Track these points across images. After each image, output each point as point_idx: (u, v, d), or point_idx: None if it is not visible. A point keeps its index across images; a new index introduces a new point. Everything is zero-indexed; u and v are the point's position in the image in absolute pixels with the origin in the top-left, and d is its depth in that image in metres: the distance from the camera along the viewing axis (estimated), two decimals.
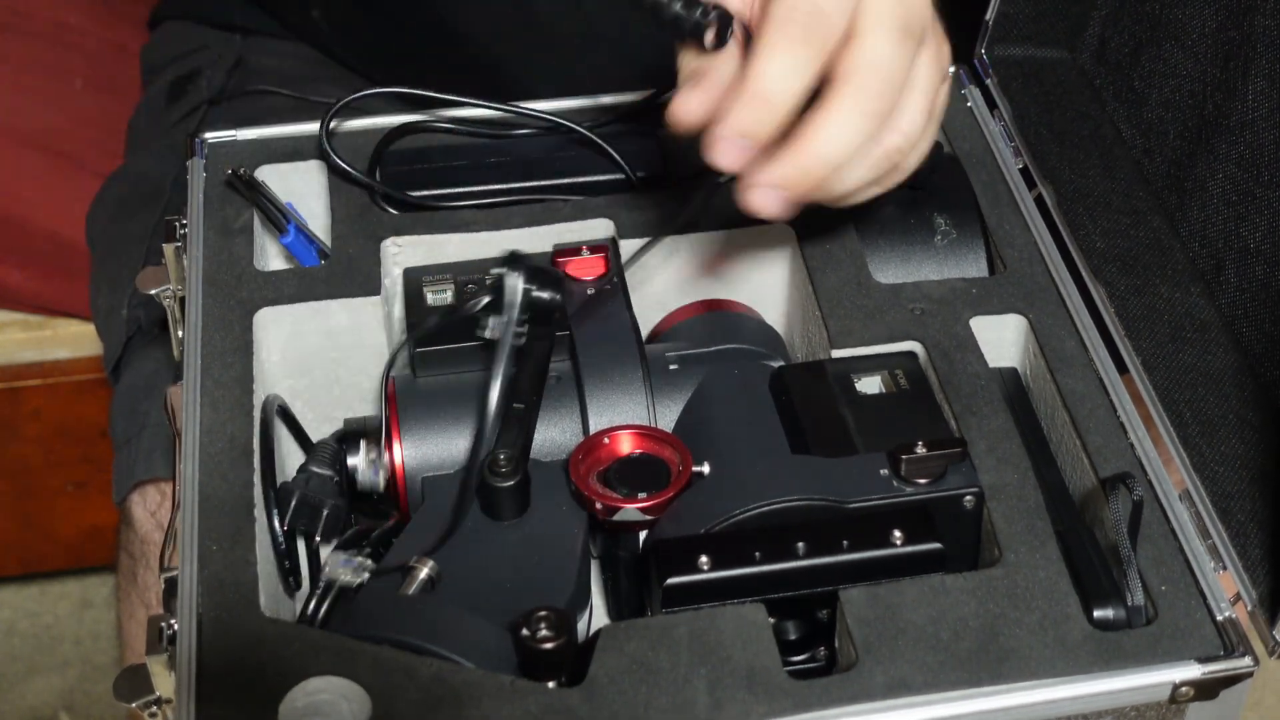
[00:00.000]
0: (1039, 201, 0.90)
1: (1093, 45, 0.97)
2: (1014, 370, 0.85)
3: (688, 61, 0.70)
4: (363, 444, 0.80)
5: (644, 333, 0.87)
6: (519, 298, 0.76)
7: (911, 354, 0.81)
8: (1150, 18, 0.91)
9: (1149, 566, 0.72)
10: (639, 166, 0.91)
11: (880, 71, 0.67)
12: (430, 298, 0.83)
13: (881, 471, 0.73)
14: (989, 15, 0.96)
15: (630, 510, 0.74)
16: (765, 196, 0.69)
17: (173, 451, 0.78)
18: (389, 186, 0.89)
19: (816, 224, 0.88)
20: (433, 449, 0.79)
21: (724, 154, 0.68)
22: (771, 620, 0.69)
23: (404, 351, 0.83)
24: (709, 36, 0.69)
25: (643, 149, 0.93)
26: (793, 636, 0.74)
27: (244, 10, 1.18)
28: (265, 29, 1.20)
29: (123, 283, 1.14)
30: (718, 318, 0.88)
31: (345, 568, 0.72)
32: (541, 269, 0.78)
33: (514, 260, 0.77)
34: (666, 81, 0.78)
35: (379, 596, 0.72)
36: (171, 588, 0.71)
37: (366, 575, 0.72)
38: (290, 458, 0.83)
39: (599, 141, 0.92)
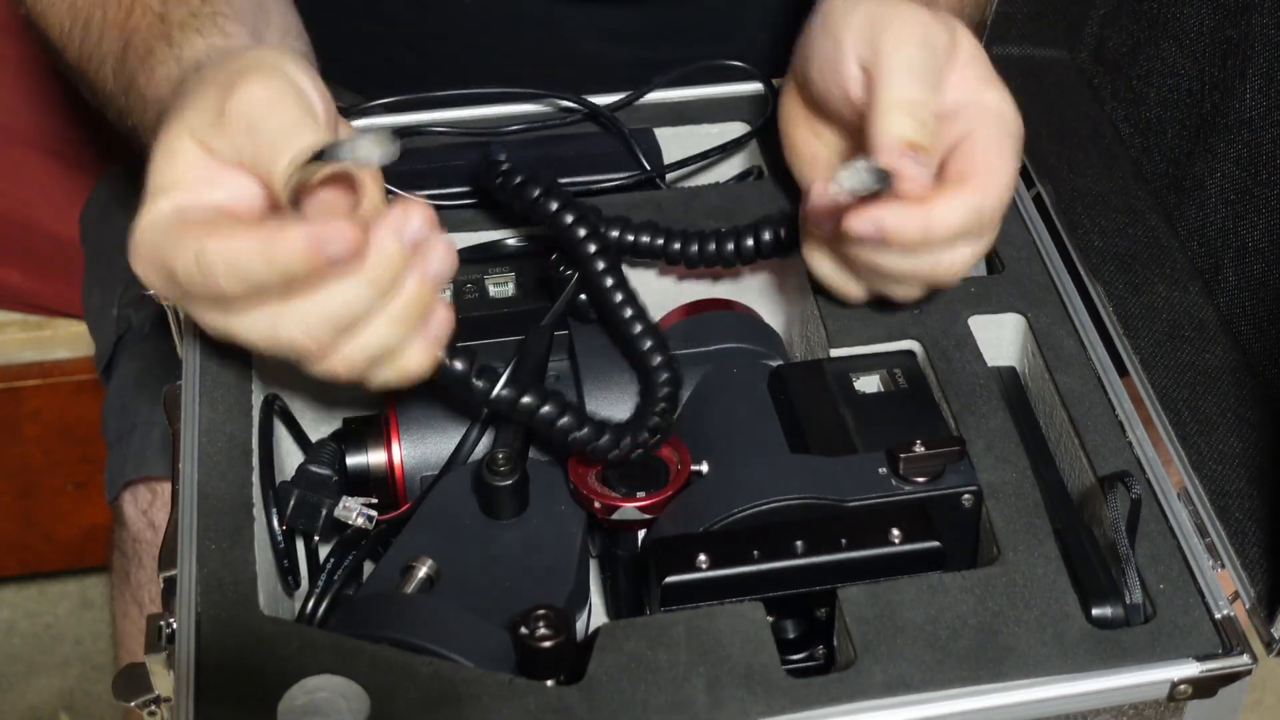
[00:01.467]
0: (1037, 201, 0.91)
1: (1091, 45, 0.97)
2: (1012, 369, 0.85)
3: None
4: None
5: None
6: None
7: (910, 353, 0.81)
8: (1148, 17, 0.91)
9: (1147, 565, 0.72)
10: (632, 166, 0.92)
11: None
12: None
13: (880, 470, 0.73)
14: (988, 15, 0.96)
15: (629, 509, 0.74)
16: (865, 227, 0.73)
17: (167, 450, 0.78)
18: (388, 186, 0.89)
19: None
20: (431, 448, 0.79)
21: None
22: (770, 619, 0.69)
23: None
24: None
25: (635, 150, 0.93)
26: (791, 635, 0.74)
27: None
28: None
29: (113, 282, 1.14)
30: (717, 317, 0.88)
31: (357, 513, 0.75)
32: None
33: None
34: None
35: (378, 595, 0.72)
36: (170, 587, 0.71)
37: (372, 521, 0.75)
38: (289, 458, 0.82)
39: (620, 127, 0.93)
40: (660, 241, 0.83)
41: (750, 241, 0.83)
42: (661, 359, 0.78)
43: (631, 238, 0.83)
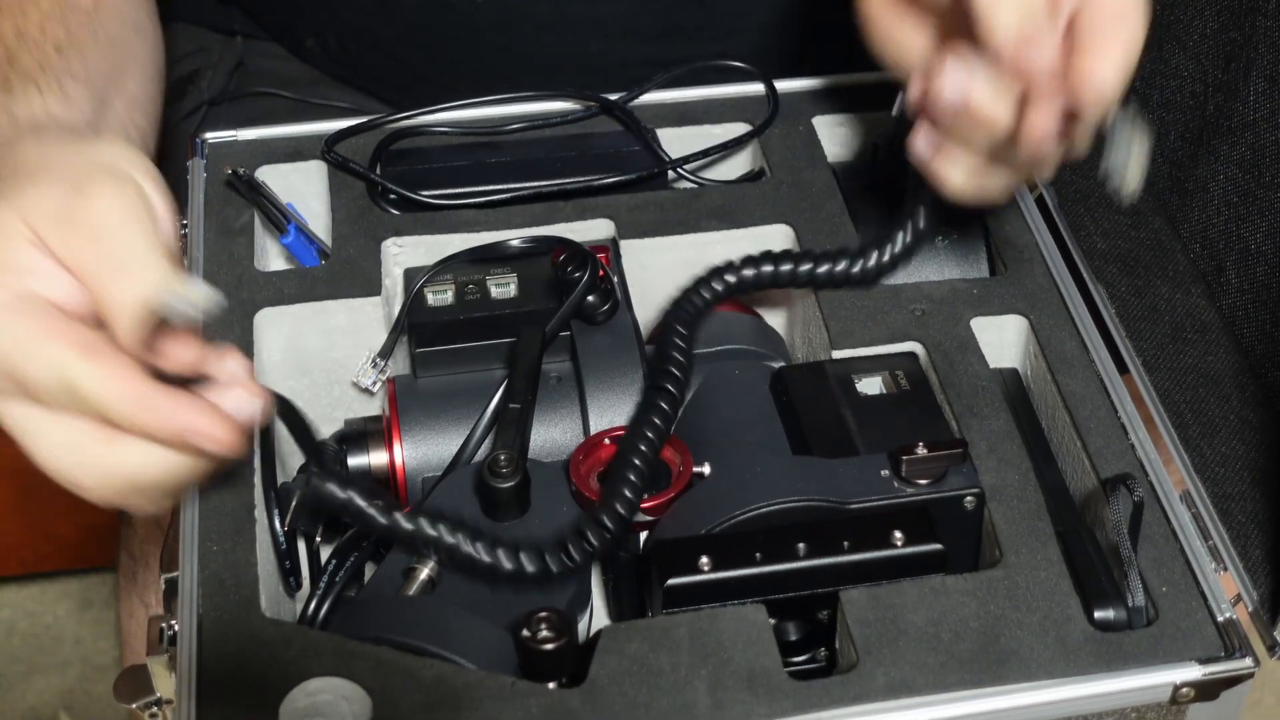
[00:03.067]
0: (1040, 202, 0.90)
1: None
2: (1015, 371, 0.85)
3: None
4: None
5: (644, 333, 0.87)
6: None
7: (912, 355, 0.81)
8: (1151, 19, 0.91)
9: (1150, 567, 0.72)
10: (639, 164, 0.91)
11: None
12: (431, 298, 0.83)
13: (882, 472, 0.73)
14: None
15: None
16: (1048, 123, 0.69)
17: None
18: (391, 187, 0.89)
19: (817, 224, 0.88)
20: (433, 449, 0.79)
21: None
22: (772, 621, 0.69)
23: (402, 350, 0.84)
24: None
25: (642, 147, 0.93)
26: (793, 637, 0.74)
27: (245, 21, 1.18)
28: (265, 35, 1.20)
29: None
30: (719, 318, 0.88)
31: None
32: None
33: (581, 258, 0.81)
34: None
35: (380, 597, 0.72)
36: (172, 588, 0.71)
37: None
38: (290, 458, 0.82)
39: (635, 121, 0.93)
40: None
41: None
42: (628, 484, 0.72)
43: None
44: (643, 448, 0.72)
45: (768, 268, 0.81)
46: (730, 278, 0.81)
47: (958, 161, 0.75)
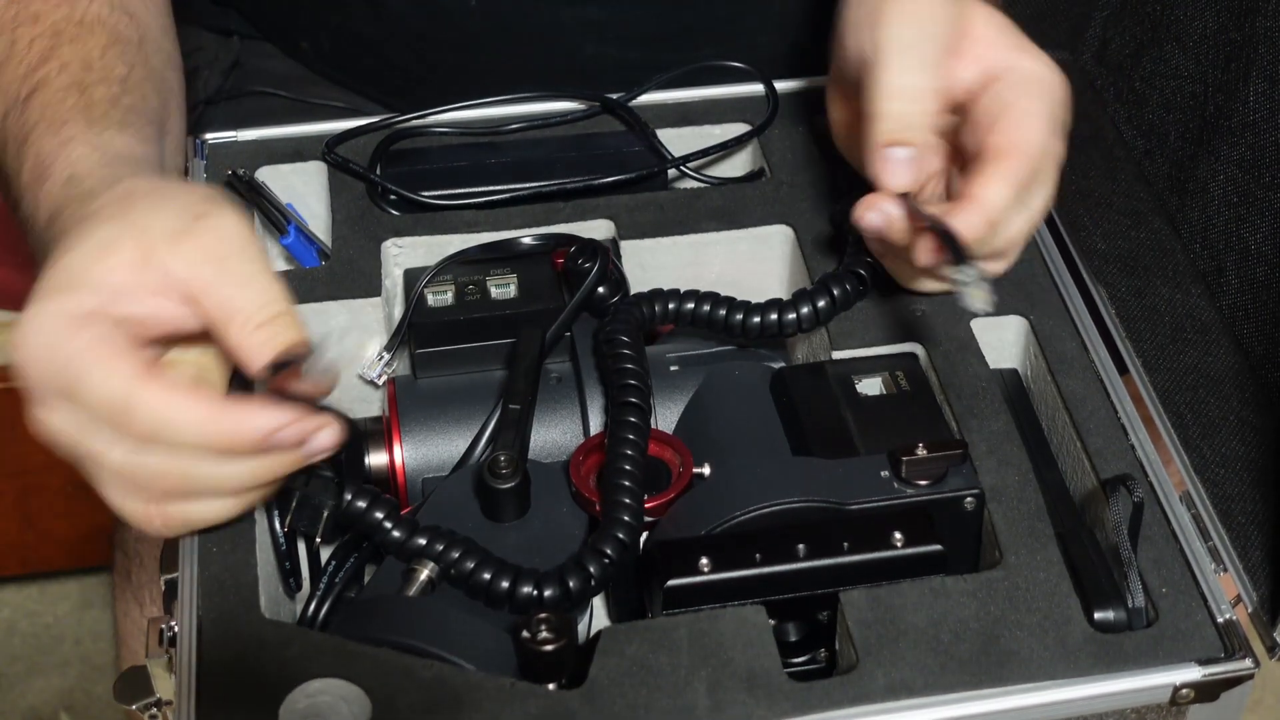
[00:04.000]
0: None
1: (1094, 46, 0.97)
2: (1015, 371, 0.85)
3: None
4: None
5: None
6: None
7: (912, 355, 0.81)
8: (1152, 19, 0.91)
9: (1150, 568, 0.72)
10: (640, 164, 0.91)
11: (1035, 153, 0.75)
12: (431, 299, 0.83)
13: (882, 473, 0.73)
14: None
15: None
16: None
17: None
18: (392, 187, 0.89)
19: (817, 224, 0.88)
20: (433, 450, 0.79)
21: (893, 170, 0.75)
22: (772, 622, 0.69)
23: (402, 351, 0.84)
24: None
25: (644, 146, 0.93)
26: (793, 638, 0.74)
27: (241, 22, 1.18)
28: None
29: None
30: None
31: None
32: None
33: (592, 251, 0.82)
34: None
35: (379, 598, 0.72)
36: (172, 589, 0.71)
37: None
38: None
39: (639, 120, 0.94)
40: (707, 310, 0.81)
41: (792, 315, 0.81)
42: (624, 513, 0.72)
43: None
44: (628, 468, 0.73)
45: (702, 307, 0.81)
46: (658, 307, 0.81)
47: (887, 258, 0.82)
